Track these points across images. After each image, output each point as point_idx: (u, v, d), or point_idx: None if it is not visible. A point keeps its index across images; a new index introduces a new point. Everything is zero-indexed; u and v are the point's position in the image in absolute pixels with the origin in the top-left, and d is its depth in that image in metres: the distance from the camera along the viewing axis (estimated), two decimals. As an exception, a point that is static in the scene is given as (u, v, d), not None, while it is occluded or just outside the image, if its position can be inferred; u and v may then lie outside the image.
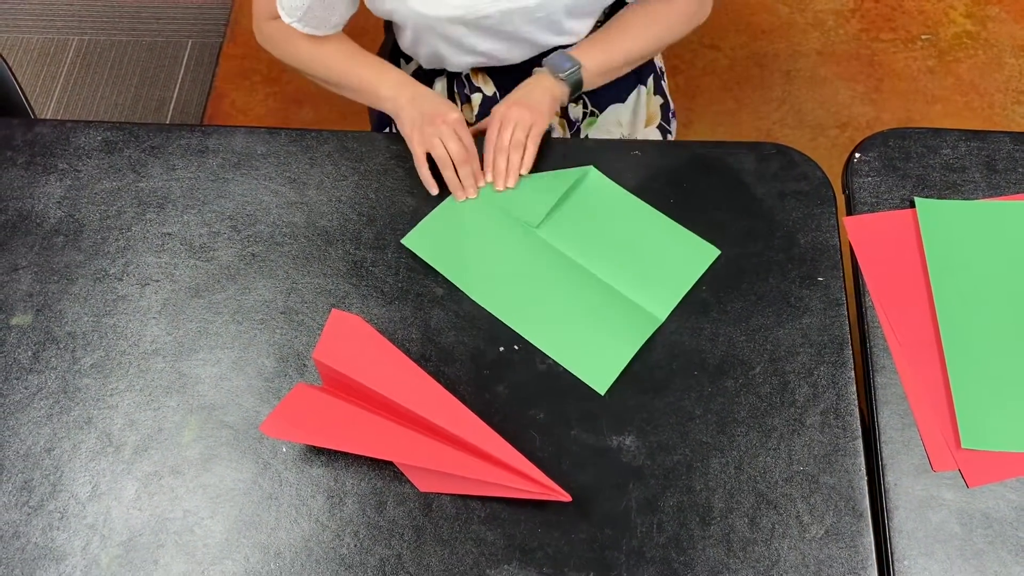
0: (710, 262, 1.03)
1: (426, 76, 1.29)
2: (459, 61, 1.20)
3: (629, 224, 1.06)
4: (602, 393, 0.96)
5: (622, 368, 0.97)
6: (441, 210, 1.08)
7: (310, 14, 1.09)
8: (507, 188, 1.08)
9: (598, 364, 0.97)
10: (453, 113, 1.07)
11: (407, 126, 1.09)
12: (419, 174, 1.09)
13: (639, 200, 1.08)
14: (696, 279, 1.02)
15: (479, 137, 1.13)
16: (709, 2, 1.19)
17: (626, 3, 1.21)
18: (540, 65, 1.17)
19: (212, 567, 0.89)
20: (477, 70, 1.24)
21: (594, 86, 1.17)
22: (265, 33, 1.17)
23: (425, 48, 1.18)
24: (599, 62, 1.14)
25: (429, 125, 1.07)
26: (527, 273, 1.03)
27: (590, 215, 1.07)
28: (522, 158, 1.08)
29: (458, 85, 1.27)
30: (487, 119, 1.14)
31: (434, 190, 1.08)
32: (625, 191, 1.09)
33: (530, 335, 0.99)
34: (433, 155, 1.07)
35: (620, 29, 1.16)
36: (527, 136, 1.08)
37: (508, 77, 1.23)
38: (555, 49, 1.19)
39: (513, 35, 1.14)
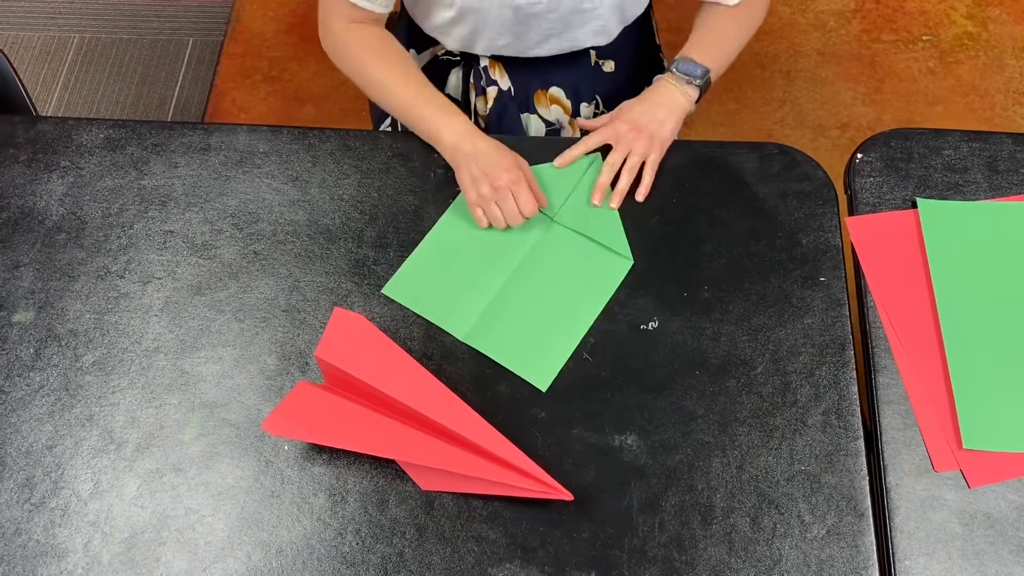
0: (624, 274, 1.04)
1: (443, 67, 1.28)
2: (491, 45, 1.19)
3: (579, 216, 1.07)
4: (544, 390, 0.97)
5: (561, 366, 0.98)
6: (416, 256, 1.06)
7: None
8: (604, 206, 1.07)
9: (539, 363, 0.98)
10: (506, 174, 1.03)
11: (465, 180, 1.06)
12: (473, 214, 1.06)
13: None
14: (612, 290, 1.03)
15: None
16: None
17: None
18: (574, 61, 1.17)
19: (214, 565, 0.89)
20: (495, 61, 1.24)
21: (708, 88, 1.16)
22: (335, 38, 1.14)
23: (462, 29, 1.17)
24: (718, 64, 1.13)
25: (486, 186, 1.04)
26: (484, 288, 1.03)
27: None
28: (629, 184, 1.07)
29: (475, 76, 1.26)
30: (598, 119, 1.13)
31: (483, 224, 1.06)
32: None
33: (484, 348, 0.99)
34: (487, 217, 1.05)
35: (713, 30, 1.15)
36: (644, 163, 1.07)
37: (526, 70, 1.23)
38: (585, 51, 1.20)
39: (553, 25, 1.14)
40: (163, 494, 0.92)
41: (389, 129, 1.31)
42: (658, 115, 1.09)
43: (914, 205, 1.09)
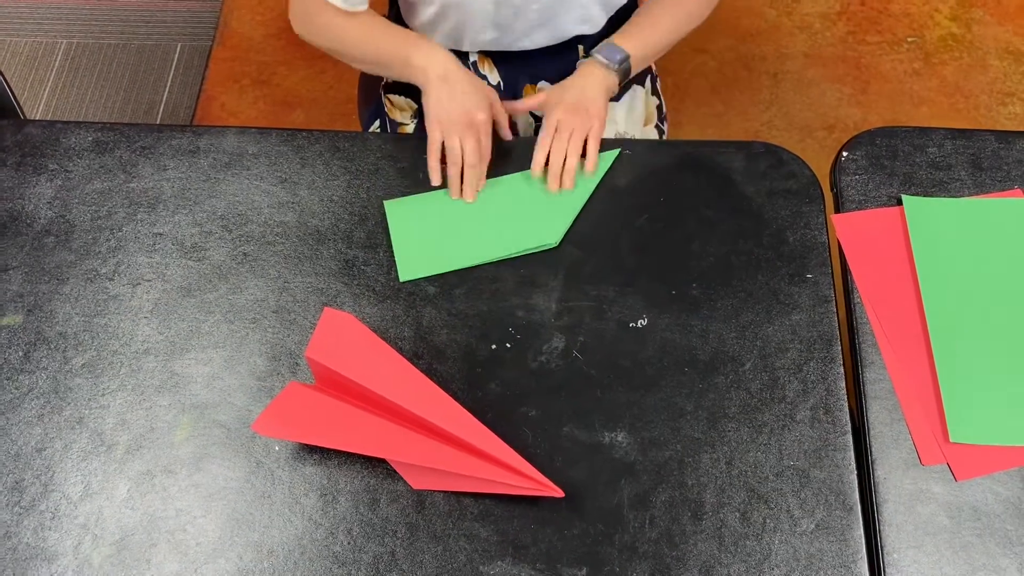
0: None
1: None
2: (477, 39, 1.20)
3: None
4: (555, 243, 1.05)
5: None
6: (395, 237, 1.08)
7: None
8: (561, 189, 1.10)
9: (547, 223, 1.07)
10: (481, 114, 1.08)
11: (432, 106, 1.09)
12: (428, 159, 1.09)
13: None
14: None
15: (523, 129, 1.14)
16: None
17: None
18: (574, 54, 1.19)
19: (205, 566, 0.89)
20: (484, 56, 1.24)
21: (634, 74, 1.19)
22: (298, 9, 1.16)
23: (446, 24, 1.18)
24: (641, 50, 1.16)
25: (455, 122, 1.07)
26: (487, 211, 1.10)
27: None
28: (578, 162, 1.10)
29: None
30: (521, 101, 1.16)
31: (436, 180, 1.10)
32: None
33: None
34: (447, 146, 1.08)
35: (649, 17, 1.19)
36: (585, 140, 1.10)
37: (514, 65, 1.24)
38: (574, 39, 1.22)
39: (538, 15, 1.15)
40: (154, 496, 0.92)
41: (378, 131, 1.31)
42: (588, 94, 1.12)
43: (899, 202, 1.10)
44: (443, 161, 1.10)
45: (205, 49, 2.21)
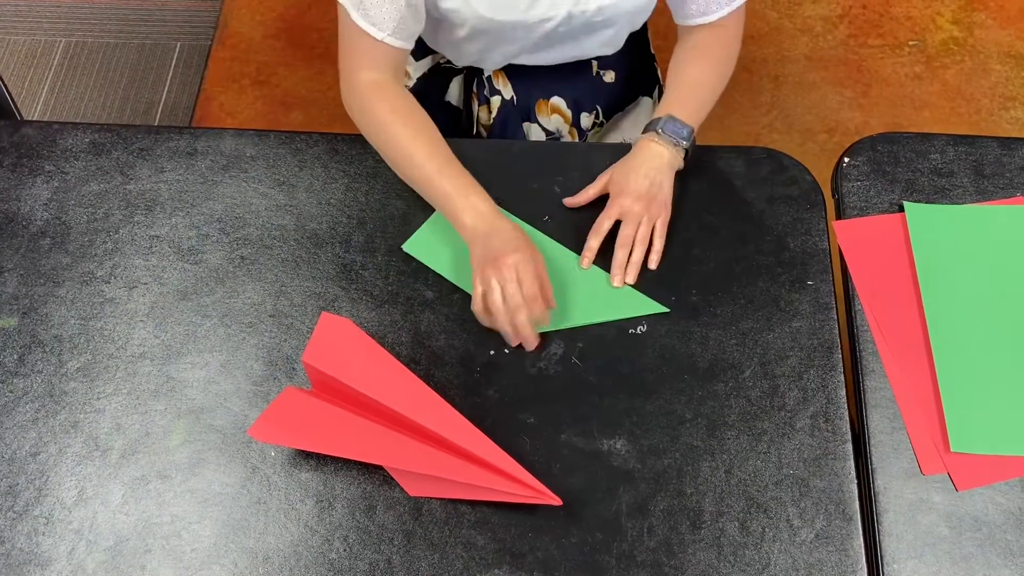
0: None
1: (444, 75, 1.28)
2: (501, 60, 1.19)
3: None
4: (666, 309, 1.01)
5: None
6: (437, 217, 1.07)
7: (402, 26, 1.04)
8: (625, 284, 1.04)
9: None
10: (515, 254, 0.97)
11: (477, 259, 1.00)
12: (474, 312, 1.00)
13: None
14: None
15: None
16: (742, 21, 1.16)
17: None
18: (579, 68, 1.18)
19: (200, 572, 0.88)
20: (499, 70, 1.23)
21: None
22: (360, 95, 1.08)
23: (473, 47, 1.16)
24: (698, 117, 1.10)
25: (491, 267, 0.97)
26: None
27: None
28: (646, 253, 1.04)
29: (478, 86, 1.25)
30: (583, 193, 1.08)
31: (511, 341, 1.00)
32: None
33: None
34: (487, 300, 0.98)
35: (689, 79, 1.13)
36: (653, 231, 1.04)
37: (528, 79, 1.22)
38: (587, 62, 1.20)
39: (563, 38, 1.13)
40: (148, 501, 0.91)
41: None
42: (656, 179, 1.05)
43: (901, 209, 1.09)
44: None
45: (204, 49, 2.20)
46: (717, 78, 1.14)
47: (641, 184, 1.05)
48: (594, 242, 1.05)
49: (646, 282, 1.04)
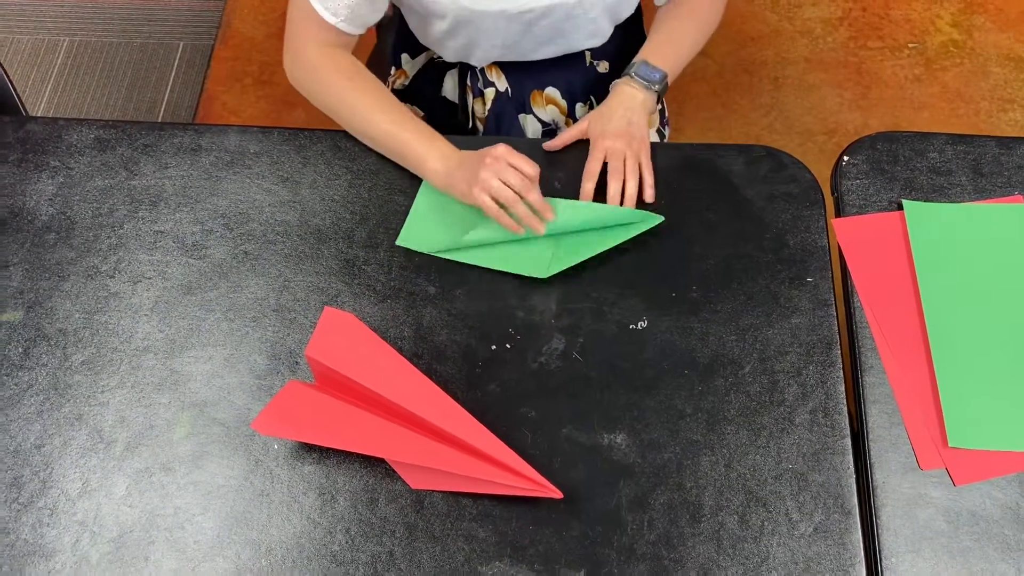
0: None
1: (438, 70, 1.29)
2: (486, 55, 1.20)
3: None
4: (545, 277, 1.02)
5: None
6: (417, 205, 1.09)
7: (356, 12, 1.07)
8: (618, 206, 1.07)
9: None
10: (487, 156, 1.00)
11: (463, 186, 1.02)
12: (502, 223, 1.01)
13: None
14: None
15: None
16: None
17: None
18: (603, 68, 1.19)
19: (203, 564, 0.88)
20: (492, 63, 1.24)
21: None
22: (305, 63, 1.11)
23: (457, 41, 1.17)
24: (672, 66, 1.15)
25: (482, 170, 1.00)
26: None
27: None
28: (639, 185, 1.08)
29: (472, 79, 1.26)
30: (560, 137, 1.12)
31: (522, 231, 1.03)
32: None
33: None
34: (499, 199, 1.00)
35: (669, 32, 1.18)
36: (639, 163, 1.08)
37: (522, 72, 1.23)
38: (580, 52, 1.21)
39: (547, 31, 1.15)
40: (152, 493, 0.92)
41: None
42: (632, 118, 1.11)
43: (900, 207, 1.10)
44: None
45: (207, 48, 2.21)
46: (698, 34, 1.19)
47: (619, 124, 1.10)
48: (588, 185, 1.09)
49: (645, 276, 1.04)
